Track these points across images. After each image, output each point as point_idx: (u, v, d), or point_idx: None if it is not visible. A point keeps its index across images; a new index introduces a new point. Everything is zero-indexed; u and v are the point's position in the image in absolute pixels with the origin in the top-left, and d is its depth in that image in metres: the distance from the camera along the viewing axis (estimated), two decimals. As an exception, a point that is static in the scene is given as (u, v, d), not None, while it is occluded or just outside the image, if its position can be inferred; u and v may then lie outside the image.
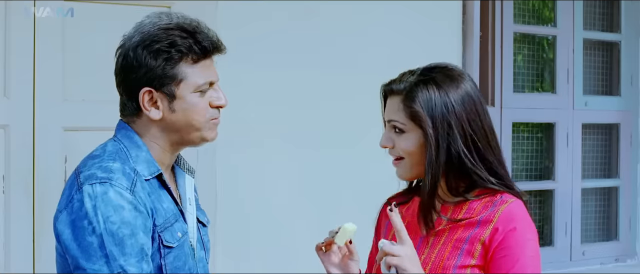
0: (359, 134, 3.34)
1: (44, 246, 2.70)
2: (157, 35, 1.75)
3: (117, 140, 1.80)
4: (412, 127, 1.84)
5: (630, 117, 4.25)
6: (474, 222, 1.83)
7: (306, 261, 3.21)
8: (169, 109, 1.76)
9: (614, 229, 4.27)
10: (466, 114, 1.83)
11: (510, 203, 1.82)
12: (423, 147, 1.83)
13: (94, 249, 1.65)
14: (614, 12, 4.25)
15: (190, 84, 1.76)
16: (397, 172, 1.91)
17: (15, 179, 2.68)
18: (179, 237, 1.79)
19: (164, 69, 1.74)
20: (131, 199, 1.69)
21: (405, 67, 1.95)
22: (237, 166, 3.06)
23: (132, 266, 1.66)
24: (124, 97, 1.80)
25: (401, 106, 1.85)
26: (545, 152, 4.09)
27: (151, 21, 1.80)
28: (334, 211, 3.26)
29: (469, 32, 3.60)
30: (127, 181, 1.70)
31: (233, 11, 3.03)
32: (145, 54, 1.74)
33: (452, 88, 1.84)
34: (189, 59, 1.76)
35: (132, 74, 1.76)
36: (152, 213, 1.73)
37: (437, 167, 1.81)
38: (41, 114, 2.71)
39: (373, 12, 3.37)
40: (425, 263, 1.85)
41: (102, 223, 1.65)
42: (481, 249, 1.81)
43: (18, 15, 2.67)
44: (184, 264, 1.80)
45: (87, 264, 1.65)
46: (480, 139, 1.83)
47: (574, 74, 4.05)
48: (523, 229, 1.80)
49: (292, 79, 3.19)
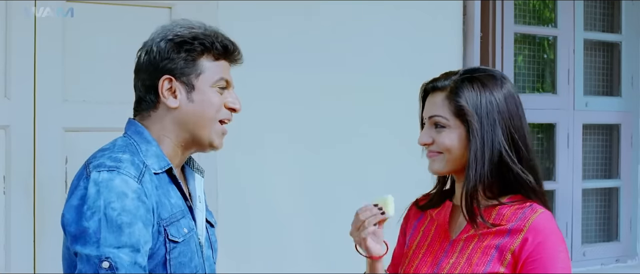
0: (360, 133, 3.34)
1: (44, 246, 2.70)
2: (180, 31, 1.82)
3: (127, 136, 1.83)
4: (455, 123, 1.86)
5: (631, 118, 4.24)
6: (504, 230, 1.83)
7: (307, 261, 3.21)
8: (186, 99, 1.81)
9: (615, 229, 4.26)
10: (509, 112, 1.86)
11: (539, 213, 1.82)
12: (464, 143, 1.85)
13: (89, 233, 1.65)
14: (615, 12, 4.25)
15: (208, 78, 1.82)
16: (431, 166, 1.92)
17: (16, 179, 2.68)
18: (185, 233, 1.80)
19: (186, 60, 1.81)
20: (136, 187, 1.70)
21: (406, 67, 1.96)
22: (239, 166, 3.05)
23: (125, 255, 1.65)
24: (142, 92, 1.84)
25: (446, 101, 1.87)
26: (545, 152, 4.09)
27: (173, 21, 1.88)
28: (334, 211, 3.26)
29: (469, 32, 3.60)
30: (135, 171, 1.72)
31: (233, 11, 3.03)
32: (168, 47, 1.80)
33: (497, 87, 1.86)
34: (210, 55, 1.83)
35: (154, 65, 1.81)
36: (157, 207, 1.74)
37: (482, 163, 1.83)
38: (42, 114, 2.71)
39: (374, 12, 3.37)
40: (453, 268, 1.86)
41: (102, 208, 1.65)
42: (511, 259, 1.81)
43: (18, 15, 2.67)
44: (190, 260, 1.81)
45: (81, 248, 1.65)
46: (521, 139, 1.86)
47: (575, 75, 4.05)
48: (554, 241, 1.80)
49: (293, 79, 3.19)
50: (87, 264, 1.64)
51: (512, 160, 1.84)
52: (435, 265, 1.90)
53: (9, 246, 2.68)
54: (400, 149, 3.14)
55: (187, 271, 1.79)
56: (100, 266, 1.63)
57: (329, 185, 3.26)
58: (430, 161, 1.91)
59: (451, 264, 1.86)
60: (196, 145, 1.86)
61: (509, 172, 1.84)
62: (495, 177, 1.85)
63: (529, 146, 1.87)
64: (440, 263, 1.89)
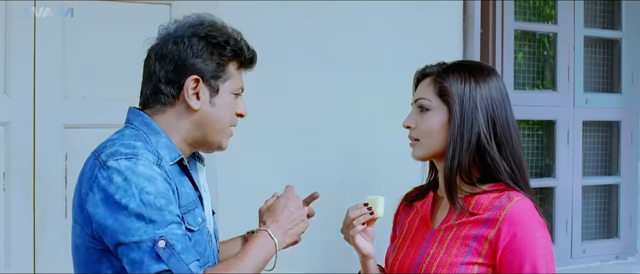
0: (360, 132, 3.34)
1: (44, 242, 2.71)
2: (212, 31, 1.80)
3: (134, 127, 1.80)
4: (438, 104, 1.90)
5: (631, 115, 4.24)
6: (481, 220, 1.85)
7: (307, 261, 3.21)
8: (209, 102, 1.80)
9: (615, 226, 4.27)
10: (492, 100, 1.90)
11: (516, 202, 1.84)
12: (445, 127, 1.88)
13: (132, 221, 1.63)
14: (615, 9, 4.25)
15: (232, 85, 1.83)
16: (413, 153, 1.96)
17: (16, 176, 2.68)
18: (199, 222, 1.80)
19: (218, 64, 1.80)
20: (159, 171, 1.69)
21: (407, 64, 1.99)
22: (238, 165, 3.05)
23: (176, 230, 1.65)
24: (163, 83, 1.80)
25: (431, 84, 1.93)
26: (545, 149, 4.09)
27: (199, 17, 1.84)
28: (335, 211, 3.26)
29: (469, 29, 3.60)
30: (153, 157, 1.70)
31: (233, 11, 3.02)
32: (202, 45, 1.79)
33: (483, 75, 1.92)
34: (236, 62, 1.84)
35: (182, 60, 1.78)
36: (177, 193, 1.73)
37: (460, 144, 1.86)
38: (42, 111, 2.72)
39: (374, 10, 3.37)
40: (433, 258, 1.88)
41: (137, 195, 1.64)
42: (488, 248, 1.83)
43: (18, 15, 2.67)
44: (204, 250, 1.81)
45: (126, 237, 1.64)
46: (502, 128, 1.89)
47: (575, 72, 4.05)
48: (530, 229, 1.82)
49: (294, 79, 3.19)
50: (139, 250, 1.63)
51: (490, 145, 1.87)
52: (417, 256, 1.93)
53: (9, 242, 2.68)
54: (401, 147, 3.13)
55: (202, 261, 1.78)
56: (157, 246, 1.62)
57: (329, 183, 3.26)
58: (412, 148, 1.96)
59: (431, 255, 1.89)
60: (205, 145, 1.86)
61: (487, 156, 1.87)
62: (474, 161, 1.88)
63: (513, 137, 1.90)
64: (422, 254, 1.92)
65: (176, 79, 1.79)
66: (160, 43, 1.82)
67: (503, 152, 1.88)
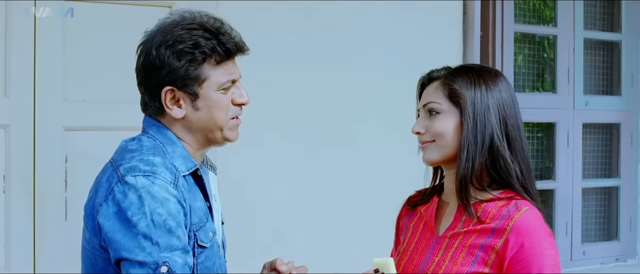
0: (360, 133, 3.34)
1: (44, 245, 2.70)
2: (181, 35, 1.74)
3: (150, 136, 1.79)
4: (449, 107, 1.87)
5: (631, 117, 4.24)
6: (488, 229, 1.83)
7: (307, 261, 3.20)
8: (192, 107, 1.76)
9: (615, 229, 4.26)
10: (503, 101, 1.88)
11: (524, 212, 1.82)
12: (457, 130, 1.86)
13: (140, 240, 1.63)
14: (615, 11, 4.25)
15: (213, 83, 1.76)
16: (424, 156, 1.92)
17: (16, 179, 2.68)
18: (210, 237, 1.79)
19: (187, 70, 1.74)
20: (175, 193, 1.68)
21: (406, 66, 1.98)
22: (238, 166, 3.05)
23: (178, 258, 1.65)
24: (146, 97, 1.79)
25: (440, 87, 1.89)
26: (545, 152, 4.09)
27: (174, 20, 1.79)
28: (335, 211, 3.26)
29: (469, 31, 3.60)
30: (170, 176, 1.70)
31: (234, 11, 3.02)
32: (168, 54, 1.73)
33: (491, 77, 1.90)
34: (212, 60, 1.76)
35: (155, 73, 1.75)
36: (190, 212, 1.72)
37: (474, 145, 1.84)
38: (42, 113, 2.71)
39: (374, 12, 3.37)
40: (438, 266, 1.85)
41: (148, 215, 1.64)
42: (495, 258, 1.81)
43: (18, 15, 2.67)
44: (213, 264, 1.80)
45: (130, 254, 1.64)
46: (514, 130, 1.88)
47: (575, 74, 4.05)
48: (538, 240, 1.79)
49: (294, 79, 3.19)
50: (141, 269, 1.63)
51: (503, 146, 1.85)
52: (421, 263, 1.91)
53: (9, 244, 2.67)
54: (401, 148, 3.13)
55: None
56: (159, 270, 1.63)
57: (329, 184, 3.26)
58: (423, 152, 1.92)
59: (436, 263, 1.86)
60: (213, 143, 1.83)
61: (499, 158, 1.85)
62: (486, 165, 1.86)
63: (522, 138, 1.89)
64: (426, 261, 1.90)
65: (153, 92, 1.77)
66: (137, 54, 1.80)
67: (514, 154, 1.87)
